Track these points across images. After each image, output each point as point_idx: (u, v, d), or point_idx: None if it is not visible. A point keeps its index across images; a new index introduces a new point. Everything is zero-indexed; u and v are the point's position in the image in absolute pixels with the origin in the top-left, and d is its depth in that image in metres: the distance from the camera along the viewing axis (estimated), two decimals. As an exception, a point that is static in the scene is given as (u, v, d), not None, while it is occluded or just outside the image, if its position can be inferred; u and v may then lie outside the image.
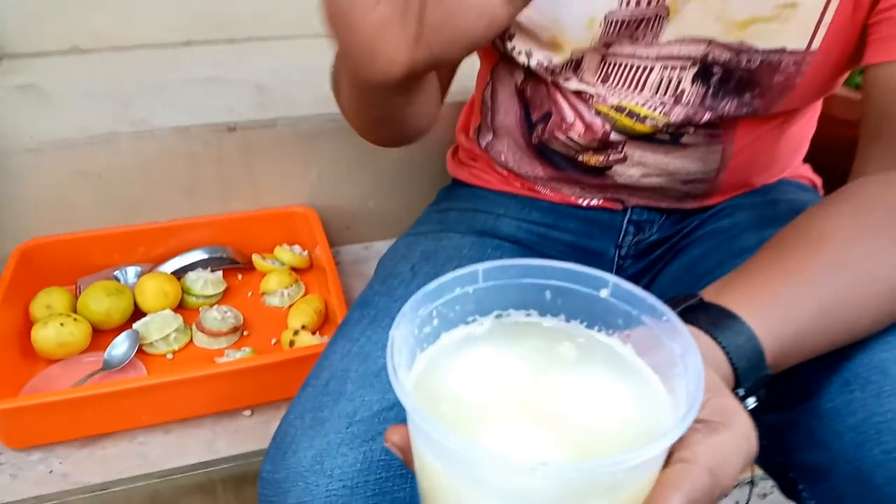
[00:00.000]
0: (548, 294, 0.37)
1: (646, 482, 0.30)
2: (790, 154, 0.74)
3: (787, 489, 0.56)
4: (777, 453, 0.54)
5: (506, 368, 0.34)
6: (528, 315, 0.37)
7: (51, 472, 0.75)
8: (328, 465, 0.50)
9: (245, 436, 0.79)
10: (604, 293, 0.36)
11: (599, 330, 0.37)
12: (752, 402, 0.43)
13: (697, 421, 0.32)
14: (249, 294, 0.98)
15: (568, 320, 0.37)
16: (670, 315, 0.33)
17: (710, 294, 0.44)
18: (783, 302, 0.44)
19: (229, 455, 0.77)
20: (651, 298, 0.34)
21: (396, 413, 0.53)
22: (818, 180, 0.79)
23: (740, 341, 0.41)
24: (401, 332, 0.32)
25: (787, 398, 0.52)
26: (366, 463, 0.51)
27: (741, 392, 0.42)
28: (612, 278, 0.35)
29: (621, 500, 0.29)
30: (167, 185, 0.98)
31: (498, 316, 0.37)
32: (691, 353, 0.31)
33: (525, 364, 0.35)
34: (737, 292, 0.44)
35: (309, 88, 1.02)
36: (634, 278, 0.75)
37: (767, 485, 1.04)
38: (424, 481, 0.32)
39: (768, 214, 0.69)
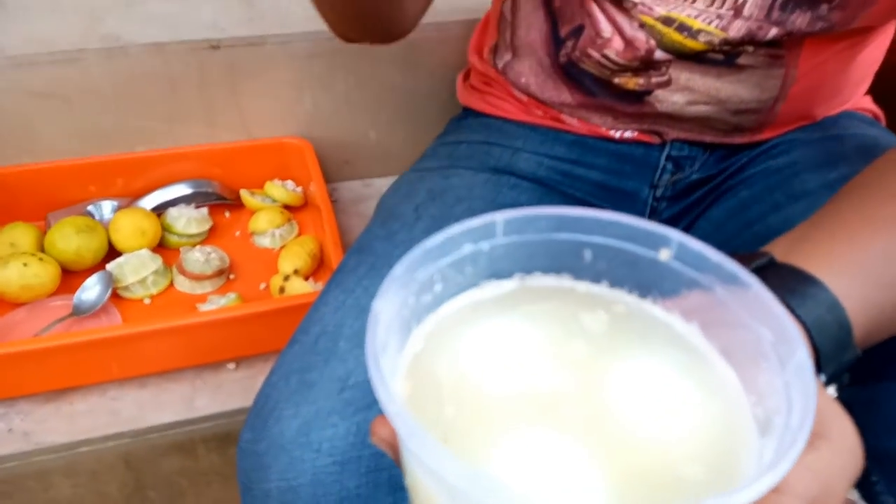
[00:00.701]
0: (587, 254, 0.31)
1: None
2: (857, 83, 0.68)
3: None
4: None
5: (529, 352, 0.29)
6: (560, 280, 0.31)
7: (10, 430, 0.71)
8: (316, 437, 0.47)
9: (229, 391, 0.75)
10: (664, 254, 0.29)
11: (654, 302, 0.30)
12: (832, 391, 0.36)
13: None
14: (237, 234, 0.94)
15: (613, 287, 0.31)
16: (757, 287, 0.26)
17: (779, 251, 0.38)
18: (874, 262, 0.37)
19: (211, 413, 0.73)
20: (730, 263, 0.27)
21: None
22: (881, 113, 0.73)
23: (821, 312, 0.35)
24: (388, 304, 0.26)
25: (866, 372, 0.45)
26: (360, 435, 0.47)
27: (823, 377, 0.35)
28: (676, 235, 0.29)
29: None
30: (144, 110, 0.92)
31: (521, 279, 0.31)
32: (791, 345, 0.24)
33: (554, 346, 0.29)
34: (814, 249, 0.38)
35: (303, 1, 0.92)
36: (670, 223, 0.69)
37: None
38: (416, 501, 0.26)
39: (833, 152, 0.63)
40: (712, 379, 0.28)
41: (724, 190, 0.66)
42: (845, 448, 0.27)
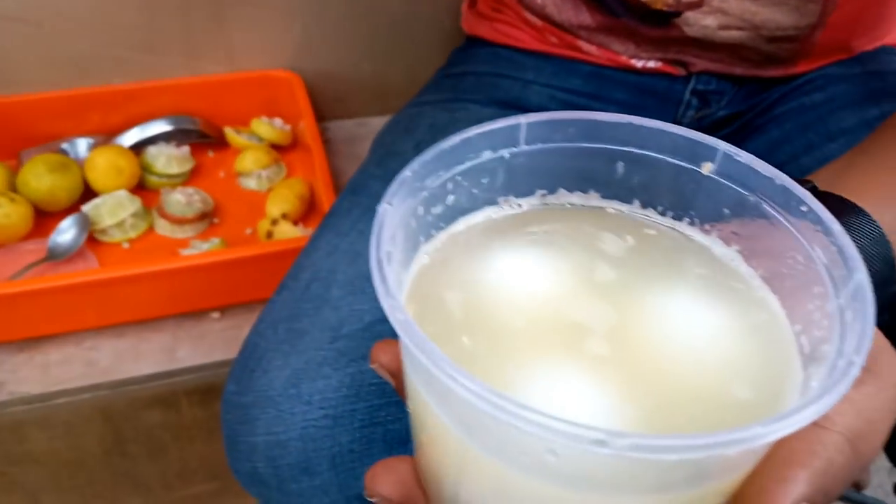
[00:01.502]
0: (620, 167, 0.28)
1: (754, 464, 0.23)
2: None
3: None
4: None
5: (550, 275, 0.27)
6: (587, 199, 0.29)
7: (-20, 380, 0.69)
8: (306, 389, 0.46)
9: (212, 342, 0.73)
10: (706, 168, 0.27)
11: (692, 223, 0.29)
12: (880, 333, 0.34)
13: None
14: (221, 174, 0.91)
15: (645, 206, 0.29)
16: (813, 205, 0.24)
17: (822, 181, 0.36)
18: None
19: (193, 364, 0.70)
20: (782, 178, 0.25)
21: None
22: None
23: (866, 244, 0.33)
24: (395, 208, 0.24)
25: None
26: (353, 388, 0.46)
27: None
28: (722, 145, 0.26)
29: (720, 488, 0.22)
30: (121, 38, 0.87)
31: (543, 196, 0.29)
32: (851, 267, 0.23)
33: (579, 270, 0.27)
34: (861, 178, 0.36)
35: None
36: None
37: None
38: (422, 434, 0.25)
39: (873, 88, 0.60)
40: (752, 306, 0.26)
41: (754, 127, 0.63)
42: (891, 384, 0.25)
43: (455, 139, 0.26)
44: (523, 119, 0.27)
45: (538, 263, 0.27)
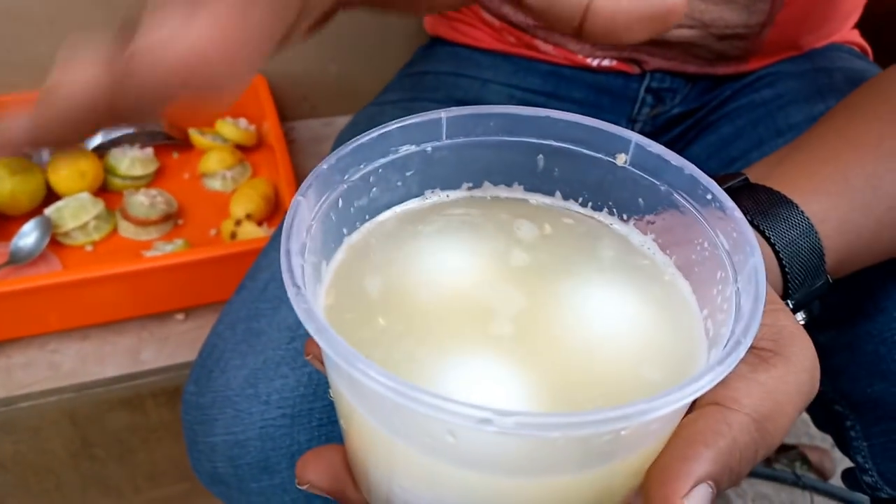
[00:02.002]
0: (540, 159, 0.29)
1: (659, 443, 0.23)
2: (847, 13, 0.66)
3: (827, 424, 0.50)
4: (823, 380, 0.46)
5: (472, 266, 0.27)
6: (512, 191, 0.30)
7: (-60, 385, 0.68)
8: (263, 389, 0.46)
9: (177, 343, 0.72)
10: (621, 159, 0.28)
11: (610, 213, 0.30)
12: (801, 317, 0.36)
13: None
14: (185, 176, 0.91)
15: (566, 198, 0.30)
16: (717, 193, 0.25)
17: (756, 174, 0.37)
18: (854, 186, 0.36)
19: (158, 366, 0.70)
20: (690, 168, 0.26)
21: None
22: (868, 48, 0.70)
23: (794, 235, 0.34)
24: (309, 200, 0.24)
25: (845, 313, 0.45)
26: (311, 387, 0.45)
27: (790, 304, 0.35)
28: (634, 137, 0.27)
29: (620, 469, 0.22)
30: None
31: (469, 189, 0.30)
32: (747, 252, 0.24)
33: (499, 260, 0.27)
34: (792, 172, 0.37)
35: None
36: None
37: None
38: (342, 420, 0.25)
39: (820, 84, 0.60)
40: (665, 292, 0.27)
41: (707, 124, 0.63)
42: (802, 368, 0.26)
43: (374, 133, 0.26)
44: (444, 113, 0.27)
45: (455, 248, 0.28)
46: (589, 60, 0.62)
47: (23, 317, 0.70)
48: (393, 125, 0.26)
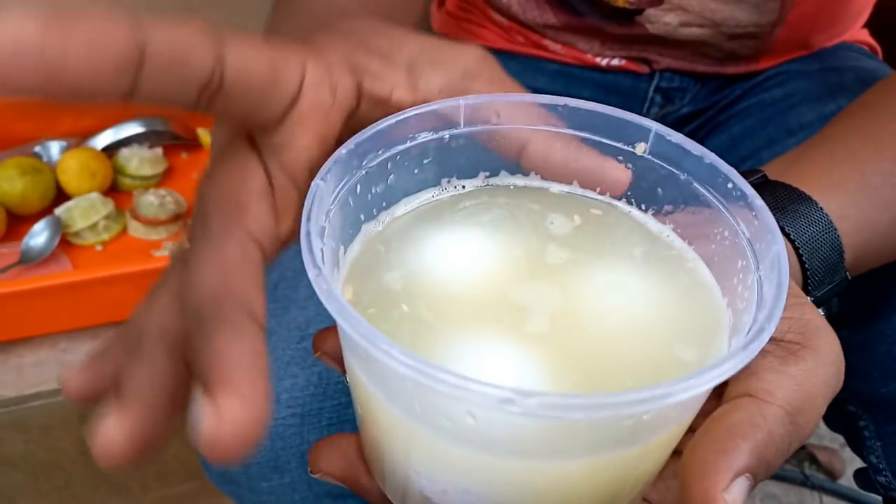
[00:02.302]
0: None
1: (681, 429, 0.23)
2: (857, 12, 0.65)
3: (839, 424, 0.49)
4: None
5: (491, 254, 0.27)
6: (529, 180, 0.30)
7: (-47, 384, 0.68)
8: (274, 389, 0.46)
9: None
10: (640, 148, 0.28)
11: (629, 202, 0.29)
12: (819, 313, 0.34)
13: (769, 341, 0.25)
14: (195, 176, 0.92)
15: (584, 187, 0.30)
16: (738, 182, 0.25)
17: (773, 172, 0.37)
18: (872, 183, 0.36)
19: None
20: (710, 157, 0.26)
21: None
22: (878, 47, 0.70)
23: (814, 233, 0.34)
24: (331, 184, 0.24)
25: (860, 312, 0.45)
26: (321, 386, 0.46)
27: (810, 300, 0.34)
28: (654, 126, 0.27)
29: (640, 454, 0.22)
30: None
31: (486, 178, 0.29)
32: (769, 240, 0.23)
33: (518, 248, 0.27)
34: (811, 169, 0.37)
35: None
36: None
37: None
38: (358, 407, 0.25)
39: (831, 84, 0.60)
40: (688, 282, 0.27)
41: (716, 124, 0.63)
42: (829, 361, 0.26)
43: (391, 119, 0.26)
44: (462, 101, 0.27)
45: (481, 239, 0.27)
46: (598, 60, 0.62)
47: (33, 316, 0.71)
48: (411, 112, 0.26)
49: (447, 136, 0.27)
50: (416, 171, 0.28)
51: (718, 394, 0.25)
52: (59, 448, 0.72)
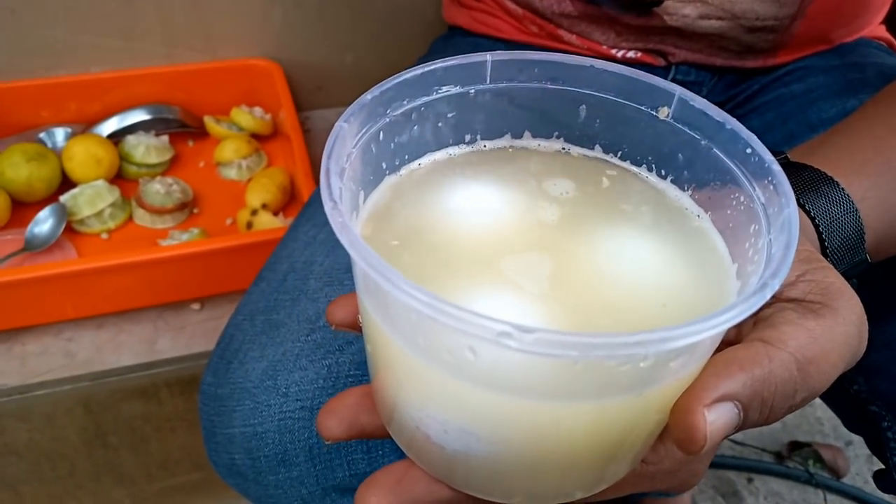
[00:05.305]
0: (583, 110, 0.29)
1: (681, 384, 0.23)
2: (878, 7, 0.65)
3: (859, 425, 0.49)
4: (856, 379, 0.47)
5: (509, 213, 0.28)
6: (552, 143, 0.30)
7: (-44, 372, 0.67)
8: (282, 381, 0.45)
9: (192, 333, 0.72)
10: (663, 113, 0.28)
11: (650, 168, 0.29)
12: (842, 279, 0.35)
13: (789, 300, 0.26)
14: (201, 164, 0.90)
15: (606, 152, 0.30)
16: (757, 147, 0.25)
17: (796, 155, 0.37)
18: (895, 168, 0.36)
19: (174, 356, 0.70)
20: (732, 122, 0.26)
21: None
22: None
23: (835, 213, 0.34)
24: (354, 128, 0.24)
25: (881, 308, 0.44)
26: (330, 379, 0.45)
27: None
28: (678, 90, 0.27)
29: (638, 405, 0.22)
30: (98, 25, 0.86)
31: (510, 139, 0.30)
32: (782, 203, 0.24)
33: (536, 208, 0.28)
34: (834, 152, 0.37)
35: None
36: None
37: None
38: (369, 346, 0.26)
39: (853, 80, 0.59)
40: (703, 250, 0.27)
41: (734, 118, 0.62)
42: (850, 322, 0.26)
43: (417, 70, 0.26)
44: (489, 56, 0.27)
45: (497, 196, 0.28)
46: (613, 52, 0.62)
47: (38, 305, 0.70)
48: (438, 63, 0.26)
49: (473, 90, 0.27)
50: (439, 124, 0.28)
51: None
52: (63, 437, 0.72)
